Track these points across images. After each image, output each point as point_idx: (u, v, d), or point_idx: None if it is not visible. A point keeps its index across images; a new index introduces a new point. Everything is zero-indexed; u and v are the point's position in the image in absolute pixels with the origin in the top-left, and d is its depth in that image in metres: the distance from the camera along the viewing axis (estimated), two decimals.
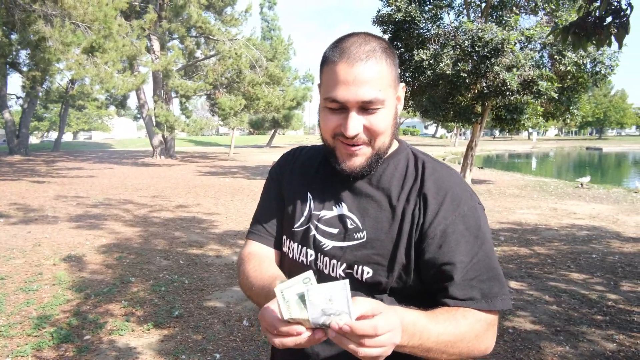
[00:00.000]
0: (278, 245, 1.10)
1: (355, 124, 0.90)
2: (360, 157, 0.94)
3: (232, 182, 14.02)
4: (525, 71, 10.66)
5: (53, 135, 49.98)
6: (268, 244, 1.10)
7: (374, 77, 0.89)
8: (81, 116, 47.65)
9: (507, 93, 10.86)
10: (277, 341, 0.72)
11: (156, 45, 23.15)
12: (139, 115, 28.65)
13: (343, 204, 1.00)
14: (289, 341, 0.71)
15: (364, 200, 0.99)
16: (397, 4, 11.91)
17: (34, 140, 47.62)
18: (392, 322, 0.71)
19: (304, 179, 1.09)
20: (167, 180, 14.54)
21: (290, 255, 1.06)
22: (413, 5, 11.87)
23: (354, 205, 0.99)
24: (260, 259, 1.06)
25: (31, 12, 12.11)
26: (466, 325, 0.86)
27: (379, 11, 12.57)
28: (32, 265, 5.14)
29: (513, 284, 4.70)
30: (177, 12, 21.20)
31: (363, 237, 0.96)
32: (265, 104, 23.34)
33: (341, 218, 0.99)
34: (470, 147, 13.77)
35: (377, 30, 13.48)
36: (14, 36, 15.07)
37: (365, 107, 0.90)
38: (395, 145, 1.04)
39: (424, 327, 0.80)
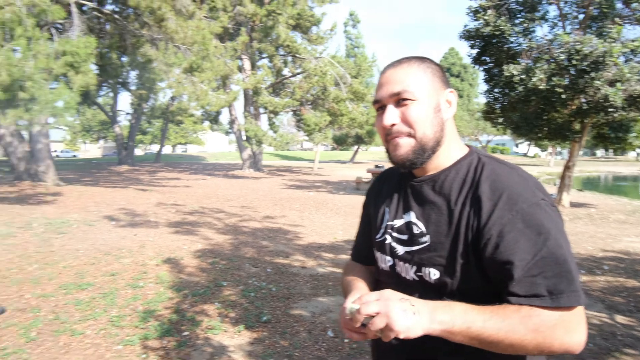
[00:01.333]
0: (373, 261, 1.25)
1: (390, 114, 1.05)
2: (404, 148, 1.05)
3: (316, 196, 14.33)
4: (631, 86, 9.79)
5: (155, 147, 54.48)
6: (360, 261, 1.32)
7: (403, 76, 1.05)
8: (179, 130, 51.55)
9: (610, 109, 10.03)
10: (345, 333, 0.99)
11: (247, 64, 24.51)
12: (230, 130, 30.43)
13: (411, 212, 1.11)
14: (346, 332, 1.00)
15: (427, 206, 1.08)
16: (486, 17, 11.56)
17: (138, 152, 52.18)
18: (379, 295, 0.92)
19: (384, 195, 1.23)
20: (255, 192, 15.22)
21: (377, 264, 1.21)
22: (502, 18, 11.45)
23: (419, 212, 1.10)
24: (351, 269, 1.30)
25: (140, 37, 13.45)
26: (517, 318, 0.89)
27: (465, 26, 12.31)
28: (138, 264, 5.65)
29: (619, 319, 4.31)
30: (266, 33, 22.34)
31: (427, 241, 1.06)
32: (349, 120, 23.63)
33: (409, 225, 1.11)
34: (567, 168, 12.85)
35: (463, 45, 13.14)
36: (124, 59, 16.80)
37: (398, 101, 1.04)
38: (463, 152, 1.11)
39: (464, 311, 0.91)
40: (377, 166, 18.25)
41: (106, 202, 11.01)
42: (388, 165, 1.23)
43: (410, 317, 0.88)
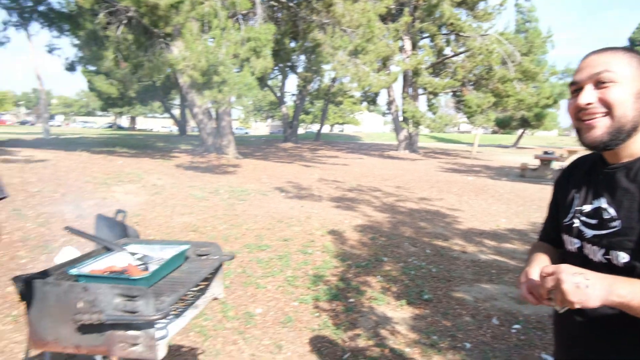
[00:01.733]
0: (561, 244, 1.30)
1: (587, 94, 1.08)
2: (599, 129, 1.07)
3: (475, 181, 13.70)
4: None
5: (314, 127, 57.83)
6: (546, 241, 1.40)
7: (605, 60, 1.07)
8: (337, 111, 53.76)
9: None
10: (523, 294, 1.12)
11: (407, 44, 24.18)
12: (387, 111, 30.62)
13: (602, 198, 1.14)
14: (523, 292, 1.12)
15: (620, 193, 1.10)
16: None
17: (300, 130, 55.98)
18: (555, 268, 0.98)
19: (574, 182, 1.28)
20: (411, 173, 15.18)
21: (565, 246, 1.27)
22: None
23: (610, 199, 1.12)
24: (538, 247, 1.38)
25: (310, 23, 14.29)
26: None
27: None
28: (306, 233, 6.18)
29: None
30: (430, 12, 21.67)
31: (617, 226, 1.08)
32: (516, 102, 21.79)
33: (598, 210, 1.14)
34: None
35: None
36: (293, 44, 18.03)
37: (597, 82, 1.07)
38: None
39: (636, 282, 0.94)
40: (546, 152, 16.52)
41: (276, 175, 12.16)
42: (559, 151, 1.22)
43: (582, 290, 0.93)
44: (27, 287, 1.24)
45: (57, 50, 16.56)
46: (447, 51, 26.05)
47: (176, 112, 40.86)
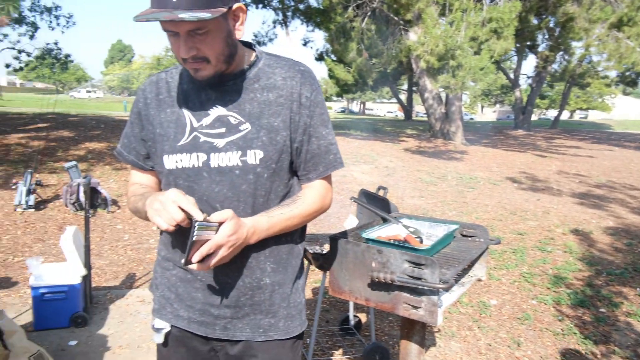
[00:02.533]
0: None
1: None
2: None
3: None
4: None
5: (550, 113, 51.68)
6: None
7: None
8: (581, 95, 46.58)
9: None
10: None
11: None
12: None
13: None
14: None
15: None
16: None
17: (532, 117, 50.76)
18: None
19: None
20: None
21: None
22: None
23: None
24: None
25: None
26: None
27: None
28: (544, 229, 5.69)
29: None
30: None
31: None
32: None
33: None
34: None
35: None
36: (535, 21, 16.27)
37: None
38: None
39: None
40: None
41: (506, 164, 11.42)
42: None
43: None
44: (332, 243, 1.53)
45: (310, 43, 18.82)
46: None
47: (402, 97, 41.96)
